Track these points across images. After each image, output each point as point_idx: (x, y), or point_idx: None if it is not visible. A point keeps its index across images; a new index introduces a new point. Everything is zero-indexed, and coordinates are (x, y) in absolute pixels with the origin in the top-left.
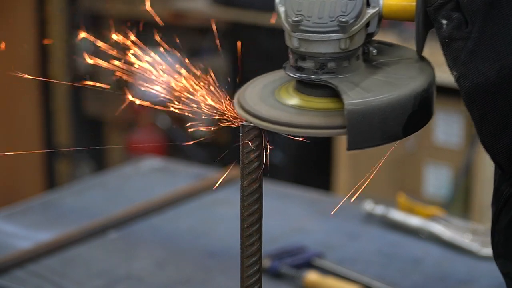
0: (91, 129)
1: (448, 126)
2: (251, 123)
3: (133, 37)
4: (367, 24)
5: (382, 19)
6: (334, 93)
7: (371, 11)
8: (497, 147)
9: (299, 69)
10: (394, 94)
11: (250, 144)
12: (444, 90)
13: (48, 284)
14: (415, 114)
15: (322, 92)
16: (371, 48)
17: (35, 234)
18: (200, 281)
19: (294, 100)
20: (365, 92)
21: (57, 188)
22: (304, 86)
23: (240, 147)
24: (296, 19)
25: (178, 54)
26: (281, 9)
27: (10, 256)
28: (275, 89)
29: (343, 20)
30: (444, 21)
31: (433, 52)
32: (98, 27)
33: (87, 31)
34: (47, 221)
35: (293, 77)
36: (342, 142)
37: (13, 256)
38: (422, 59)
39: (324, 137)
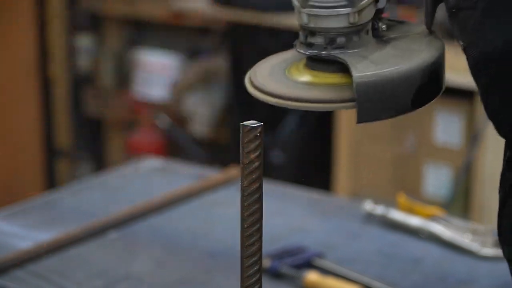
0: (91, 129)
1: (448, 126)
2: (262, 99)
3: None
4: (377, 0)
5: None
6: (344, 68)
7: None
8: (503, 118)
9: (309, 45)
10: (402, 66)
11: (250, 144)
12: (444, 90)
13: (48, 284)
14: (424, 87)
15: (332, 68)
16: (380, 24)
17: (35, 234)
18: (200, 281)
19: (305, 76)
20: (374, 65)
21: (57, 188)
22: (314, 63)
23: (240, 147)
24: None
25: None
26: None
27: (10, 256)
28: (286, 67)
29: None
30: None
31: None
32: (98, 27)
33: (87, 31)
34: (47, 221)
35: (304, 53)
36: (342, 142)
37: (13, 256)
38: (432, 33)
39: (334, 110)
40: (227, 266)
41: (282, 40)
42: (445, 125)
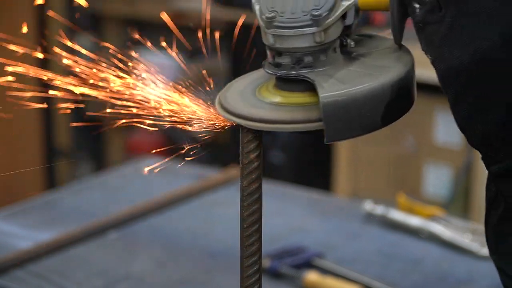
0: (91, 129)
1: (448, 126)
2: (232, 122)
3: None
4: (344, 17)
5: (360, 10)
6: (313, 87)
7: (346, 3)
8: (471, 131)
9: (277, 65)
10: (369, 84)
11: (249, 144)
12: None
13: (48, 284)
14: (393, 103)
15: (301, 87)
16: (349, 40)
17: (35, 234)
18: (200, 281)
19: (274, 97)
20: (341, 84)
21: (57, 188)
22: (283, 82)
23: (240, 147)
24: (270, 15)
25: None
26: (256, 7)
27: (10, 256)
28: (256, 87)
29: (316, 13)
30: (417, 5)
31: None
32: (98, 27)
33: (87, 31)
34: (47, 221)
35: (271, 74)
36: (342, 142)
37: (13, 256)
38: (401, 47)
39: (304, 131)
40: (227, 266)
41: None
42: (445, 125)
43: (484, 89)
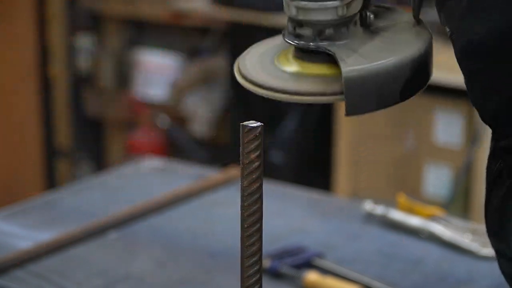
0: (91, 129)
1: (448, 126)
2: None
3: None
4: None
5: None
6: (332, 59)
7: None
8: (485, 105)
9: (297, 36)
10: (390, 59)
11: (250, 144)
12: (444, 90)
13: (48, 284)
14: (412, 78)
15: (320, 58)
16: (368, 13)
17: (35, 234)
18: (200, 281)
19: (293, 66)
20: (362, 59)
21: (57, 188)
22: (303, 53)
23: (240, 147)
24: None
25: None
26: None
27: (10, 256)
28: (275, 55)
29: None
30: None
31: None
32: (98, 27)
33: (87, 31)
34: (47, 221)
35: (292, 44)
36: (342, 142)
37: (13, 256)
38: (419, 23)
39: (323, 103)
40: (227, 266)
41: None
42: (445, 125)
43: (501, 66)
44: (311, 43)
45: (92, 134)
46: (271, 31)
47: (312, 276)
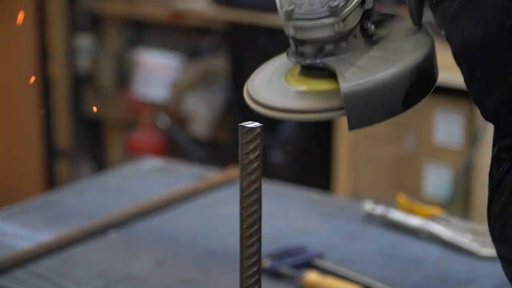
0: (91, 129)
1: (448, 126)
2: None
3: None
4: (363, 2)
5: None
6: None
7: None
8: (485, 103)
9: (300, 54)
10: (390, 71)
11: (249, 145)
12: (444, 90)
13: (48, 284)
14: (413, 87)
15: (325, 74)
16: (369, 25)
17: (35, 234)
18: (200, 281)
19: (299, 84)
20: (361, 72)
21: (57, 188)
22: (308, 69)
23: (239, 148)
24: (289, 8)
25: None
26: (277, 0)
27: (10, 256)
28: (283, 73)
29: (333, 5)
30: None
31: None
32: (98, 27)
33: (87, 31)
34: (47, 221)
35: (293, 62)
36: (342, 142)
37: (13, 256)
38: (420, 28)
39: (329, 119)
40: (227, 266)
41: (282, 40)
42: (445, 125)
43: (496, 65)
44: (310, 60)
45: (92, 134)
46: (271, 31)
47: (312, 276)
